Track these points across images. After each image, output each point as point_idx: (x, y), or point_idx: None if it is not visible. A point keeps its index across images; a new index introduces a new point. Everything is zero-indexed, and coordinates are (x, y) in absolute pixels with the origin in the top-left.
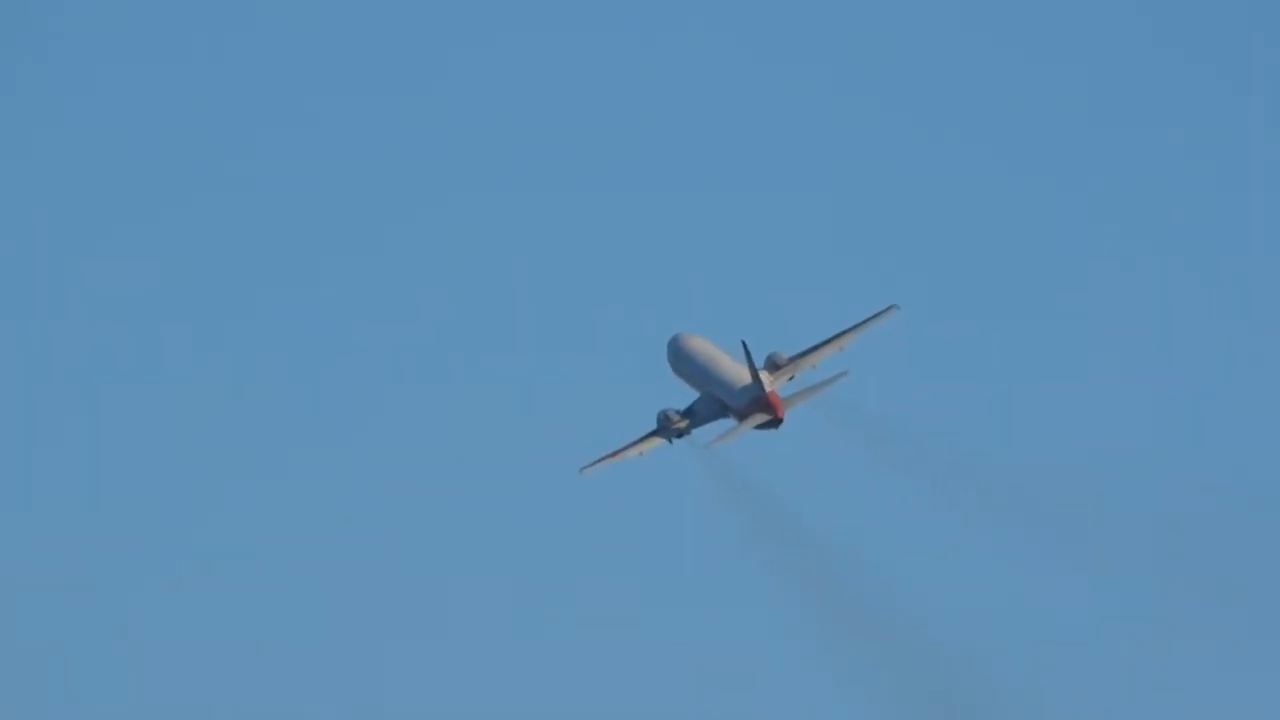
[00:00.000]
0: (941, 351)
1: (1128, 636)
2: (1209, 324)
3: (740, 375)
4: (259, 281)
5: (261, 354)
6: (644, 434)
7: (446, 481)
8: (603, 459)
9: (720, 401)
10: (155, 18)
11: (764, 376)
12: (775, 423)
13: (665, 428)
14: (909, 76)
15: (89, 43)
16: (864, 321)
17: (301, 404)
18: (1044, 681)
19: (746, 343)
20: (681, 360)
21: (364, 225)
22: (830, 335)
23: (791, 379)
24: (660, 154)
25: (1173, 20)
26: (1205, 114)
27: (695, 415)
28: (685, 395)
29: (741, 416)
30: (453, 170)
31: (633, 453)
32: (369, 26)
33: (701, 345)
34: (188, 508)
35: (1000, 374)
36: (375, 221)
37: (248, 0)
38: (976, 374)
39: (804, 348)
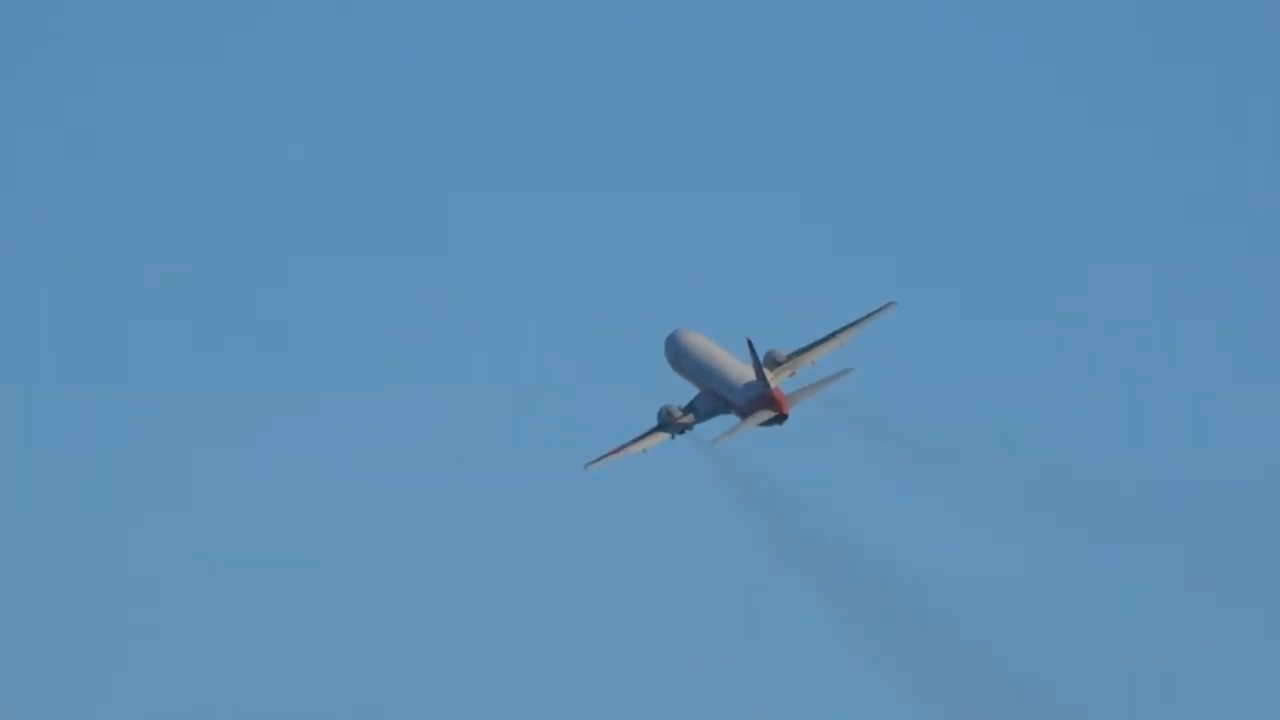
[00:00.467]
0: (941, 347)
1: (1133, 627)
2: (1209, 321)
3: (742, 372)
4: (258, 280)
5: (261, 352)
6: (647, 430)
7: (448, 481)
8: (606, 455)
9: (721, 398)
10: (155, 18)
11: (767, 373)
12: (780, 419)
13: (668, 423)
14: (903, 73)
15: (89, 43)
16: (863, 318)
17: (303, 403)
18: (1051, 675)
19: (752, 340)
20: (681, 357)
21: (365, 224)
22: (828, 332)
23: (793, 375)
24: (657, 152)
25: (1171, 19)
26: (1203, 113)
27: (696, 411)
28: (683, 391)
29: (745, 413)
30: (453, 169)
31: (636, 449)
32: (367, 27)
33: (701, 342)
34: (190, 508)
35: (999, 369)
36: (376, 220)
37: (247, 1)
38: (976, 369)
39: (801, 345)
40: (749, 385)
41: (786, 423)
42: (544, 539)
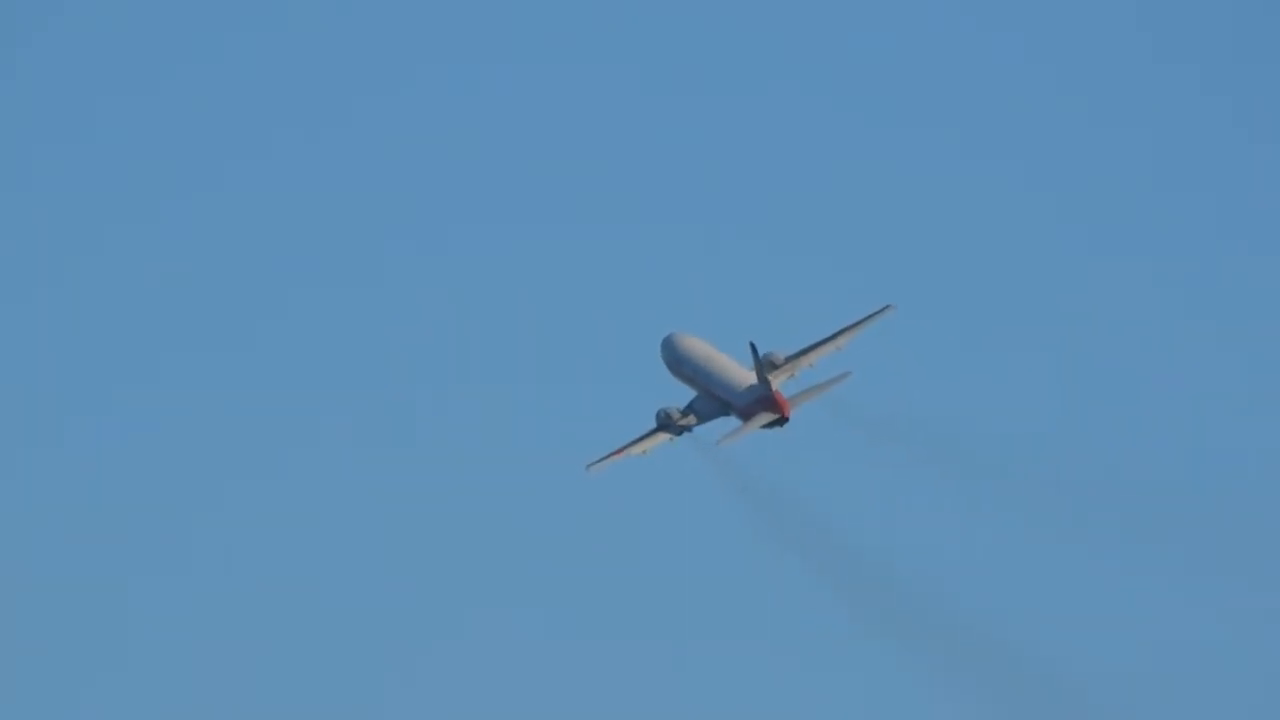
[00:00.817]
0: (939, 349)
1: (1133, 625)
2: (1208, 320)
3: (742, 375)
4: (261, 287)
5: (264, 358)
6: (647, 431)
7: (451, 483)
8: (607, 457)
9: (721, 400)
10: (156, 20)
11: (769, 376)
12: (782, 421)
13: (668, 424)
14: (898, 75)
15: (89, 43)
16: (860, 321)
17: (309, 408)
18: (1054, 672)
19: (755, 343)
20: (679, 360)
21: (366, 233)
22: (826, 335)
23: (791, 377)
24: (654, 155)
25: (1164, 19)
26: (1197, 113)
27: (695, 414)
28: (679, 393)
29: (746, 416)
30: (451, 176)
31: (637, 450)
32: (365, 31)
33: (699, 345)
34: (188, 511)
35: (997, 371)
36: (376, 229)
37: (246, 5)
38: (974, 371)
39: (798, 348)
40: (750, 388)
41: (787, 425)
42: (545, 540)
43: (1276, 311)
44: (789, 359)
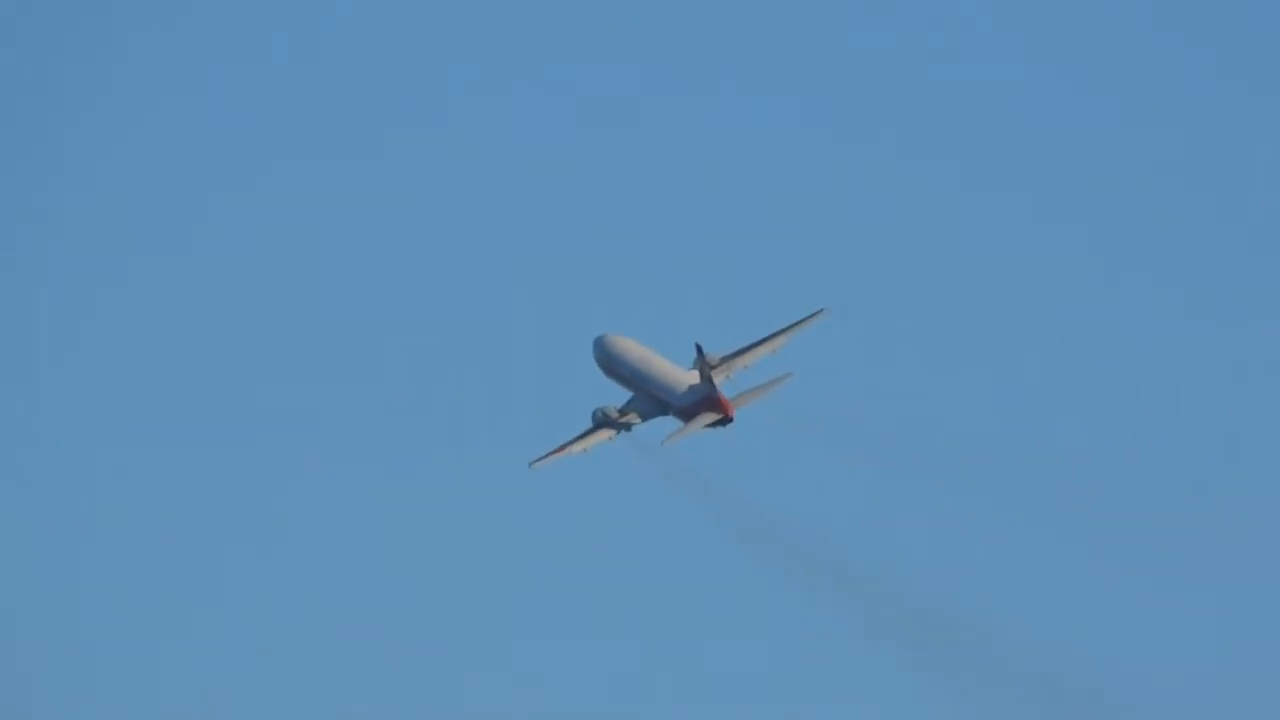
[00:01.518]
0: (872, 351)
1: (1097, 615)
2: (1159, 320)
3: (680, 375)
4: (224, 288)
5: (223, 360)
6: (587, 429)
7: (393, 485)
8: (548, 455)
9: (658, 400)
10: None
11: (714, 377)
12: (725, 421)
13: (608, 423)
14: (841, 77)
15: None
16: (794, 324)
17: (248, 411)
18: (1027, 665)
19: (700, 344)
20: (614, 361)
21: (304, 236)
22: (760, 337)
23: (728, 378)
24: (595, 155)
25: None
26: (1130, 109)
27: (636, 413)
28: (612, 394)
29: (688, 416)
30: (388, 179)
31: (578, 448)
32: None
33: (633, 346)
34: (174, 509)
35: (937, 370)
36: (317, 233)
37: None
38: (909, 370)
39: (731, 349)
40: (692, 388)
41: (730, 424)
42: (488, 539)
43: (1229, 301)
44: (724, 359)
